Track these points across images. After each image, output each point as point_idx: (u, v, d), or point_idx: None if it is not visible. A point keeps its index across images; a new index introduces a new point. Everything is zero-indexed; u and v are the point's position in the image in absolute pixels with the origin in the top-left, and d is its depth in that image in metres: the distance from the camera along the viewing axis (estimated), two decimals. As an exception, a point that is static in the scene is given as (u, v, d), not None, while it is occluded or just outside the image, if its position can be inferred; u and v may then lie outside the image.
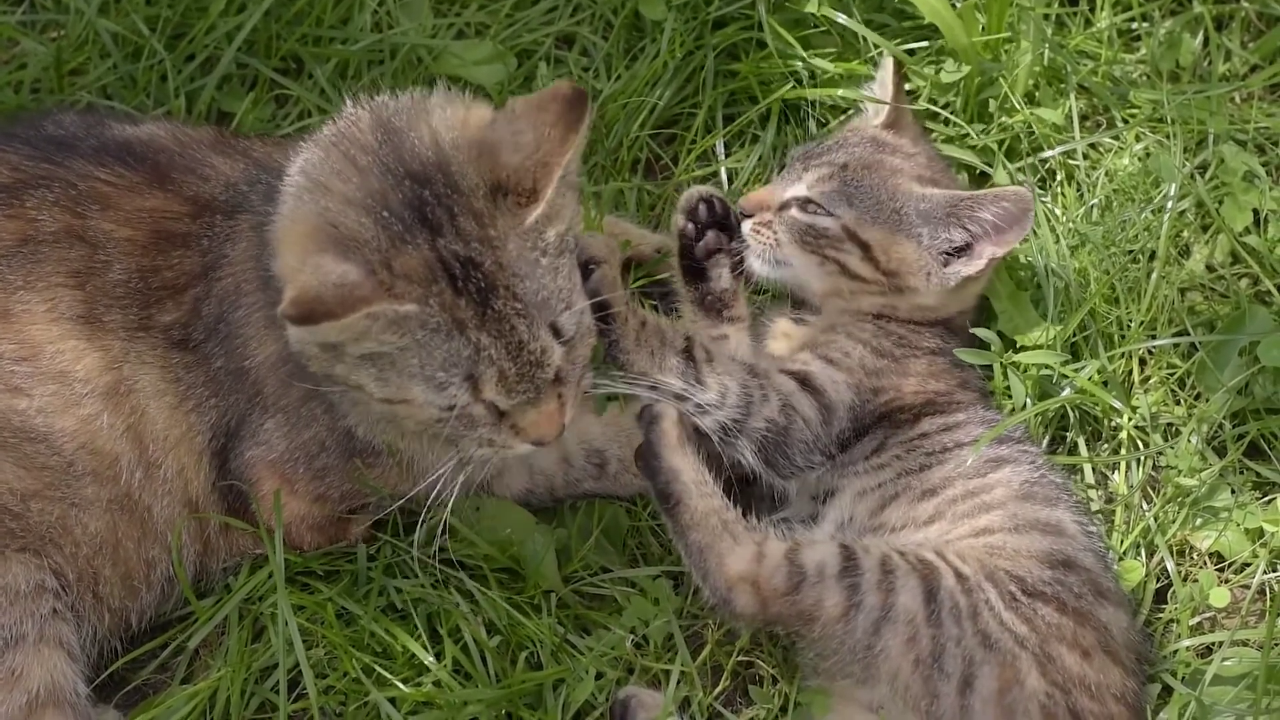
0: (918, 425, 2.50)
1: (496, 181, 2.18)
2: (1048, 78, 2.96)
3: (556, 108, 2.19)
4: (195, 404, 2.40)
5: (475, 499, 2.53)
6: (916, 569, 2.29)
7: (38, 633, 2.28)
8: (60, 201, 2.38)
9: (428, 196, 2.15)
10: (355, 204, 2.15)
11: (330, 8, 2.96)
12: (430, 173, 2.17)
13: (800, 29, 3.00)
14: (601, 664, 2.46)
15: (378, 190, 2.15)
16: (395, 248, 2.13)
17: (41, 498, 2.33)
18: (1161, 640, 2.51)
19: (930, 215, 2.56)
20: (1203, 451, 2.64)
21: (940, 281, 2.56)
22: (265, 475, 2.43)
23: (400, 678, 2.41)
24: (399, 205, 2.15)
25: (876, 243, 2.56)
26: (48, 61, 2.90)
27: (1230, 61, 3.07)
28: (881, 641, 2.26)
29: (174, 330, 2.38)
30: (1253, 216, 2.83)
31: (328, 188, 2.17)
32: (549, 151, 2.17)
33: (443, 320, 2.14)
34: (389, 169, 2.17)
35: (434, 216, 2.15)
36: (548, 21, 3.03)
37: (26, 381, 2.33)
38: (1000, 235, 2.54)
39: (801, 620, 2.29)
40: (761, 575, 2.30)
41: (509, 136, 2.19)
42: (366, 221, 2.14)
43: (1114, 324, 2.72)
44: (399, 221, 2.14)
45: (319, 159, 2.22)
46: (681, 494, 2.37)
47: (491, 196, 2.17)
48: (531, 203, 2.18)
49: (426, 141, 2.19)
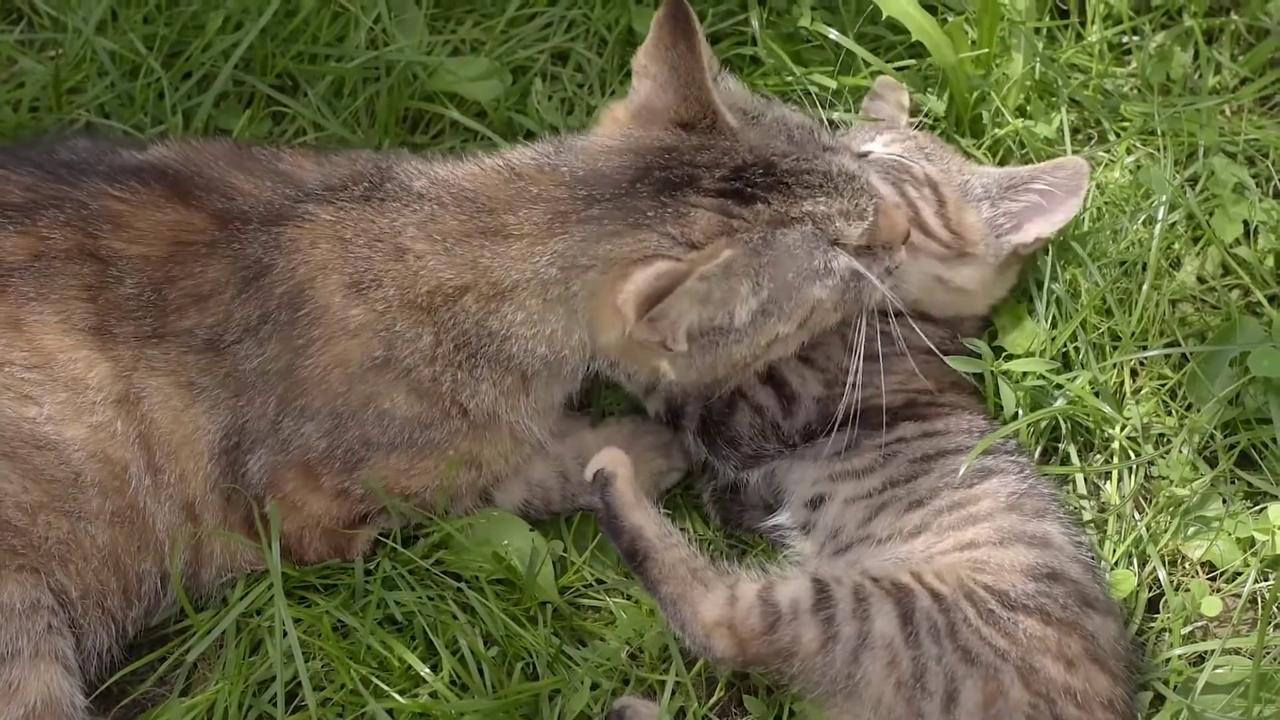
0: (895, 429, 2.52)
1: (678, 123, 2.35)
2: (1039, 91, 2.97)
3: (664, 33, 2.35)
4: (208, 405, 2.40)
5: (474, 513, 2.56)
6: (890, 593, 2.30)
7: (33, 648, 2.29)
8: (72, 221, 2.40)
9: (657, 173, 2.32)
10: (621, 230, 2.31)
11: (326, 25, 2.97)
12: (641, 159, 2.34)
13: (792, 44, 3.01)
14: (597, 675, 2.47)
15: (625, 208, 2.31)
16: (676, 223, 2.28)
17: (50, 511, 2.34)
18: (1154, 649, 2.52)
19: (989, 190, 2.65)
20: (1194, 461, 2.65)
21: (995, 251, 2.63)
22: (288, 476, 2.44)
23: (397, 689, 2.42)
24: (646, 199, 2.30)
25: (950, 201, 2.63)
26: (46, 80, 2.91)
27: (1220, 74, 3.08)
28: (862, 669, 2.27)
29: (197, 333, 2.39)
30: (1243, 228, 2.83)
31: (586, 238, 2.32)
32: (686, 69, 2.34)
33: (765, 233, 2.29)
34: (610, 193, 2.33)
35: (679, 175, 2.31)
36: (542, 38, 3.04)
37: (37, 390, 2.34)
38: (1052, 208, 2.63)
39: (781, 658, 2.30)
40: (737, 618, 2.31)
41: (650, 85, 2.37)
42: (640, 234, 2.28)
43: (1105, 335, 2.73)
44: (656, 206, 2.30)
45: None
46: (647, 550, 2.37)
47: (688, 130, 2.35)
48: (712, 120, 2.34)
49: (610, 145, 2.38)
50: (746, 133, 2.36)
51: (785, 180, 2.32)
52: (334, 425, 2.42)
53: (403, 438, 2.44)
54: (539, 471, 2.60)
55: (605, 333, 2.33)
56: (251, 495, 2.45)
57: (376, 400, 2.41)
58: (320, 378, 2.40)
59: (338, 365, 2.40)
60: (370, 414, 2.42)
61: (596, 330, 2.35)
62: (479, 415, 2.45)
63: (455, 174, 2.45)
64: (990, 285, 2.68)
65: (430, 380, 2.41)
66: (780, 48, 2.98)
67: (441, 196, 2.41)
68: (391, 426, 2.43)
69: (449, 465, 2.46)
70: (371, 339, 2.39)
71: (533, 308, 2.36)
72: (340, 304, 2.39)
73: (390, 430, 2.43)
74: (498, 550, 2.50)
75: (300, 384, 2.41)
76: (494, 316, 2.38)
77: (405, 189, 2.44)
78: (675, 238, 2.28)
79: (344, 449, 2.44)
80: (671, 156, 2.33)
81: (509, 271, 2.35)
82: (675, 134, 2.36)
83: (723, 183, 2.31)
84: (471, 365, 2.41)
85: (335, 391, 2.41)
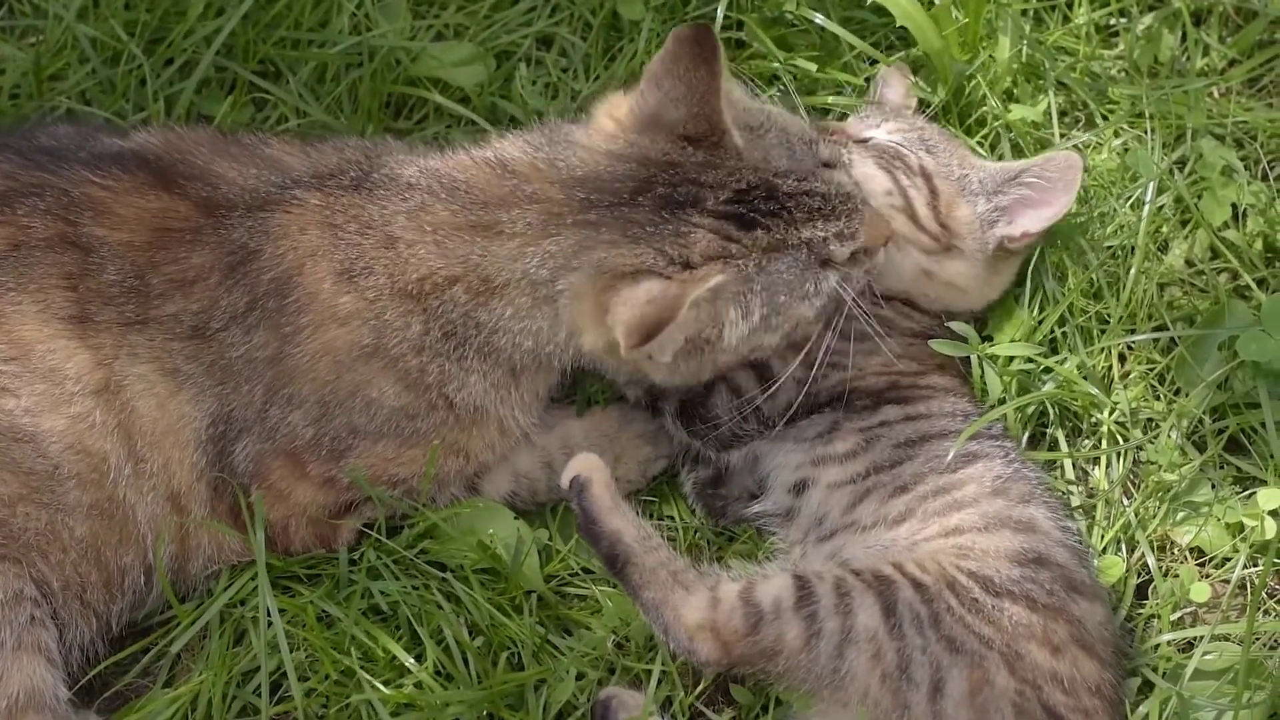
0: (877, 412, 2.51)
1: (683, 137, 2.33)
2: (1026, 74, 2.96)
3: (685, 54, 2.31)
4: (194, 393, 2.39)
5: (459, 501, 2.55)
6: (872, 586, 2.29)
7: (15, 640, 2.28)
8: (52, 209, 2.39)
9: (660, 188, 2.32)
10: (617, 240, 2.30)
11: (308, 10, 2.95)
12: (644, 170, 2.33)
13: (777, 28, 3.00)
14: (583, 664, 2.46)
15: (624, 219, 2.31)
16: (674, 241, 2.29)
17: (28, 503, 2.33)
18: (1143, 635, 2.51)
19: (985, 186, 2.64)
20: (1183, 446, 2.64)
21: (982, 245, 2.62)
22: (274, 465, 2.43)
23: (382, 679, 2.41)
24: (646, 213, 2.31)
25: (944, 194, 2.63)
26: (26, 67, 2.89)
27: (1209, 56, 3.07)
28: (847, 664, 2.26)
29: (182, 319, 2.38)
30: (1231, 211, 2.83)
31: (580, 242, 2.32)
32: (703, 92, 2.32)
33: (760, 259, 2.31)
34: (610, 200, 2.32)
35: (682, 194, 2.31)
36: (526, 22, 3.02)
37: (14, 381, 2.33)
38: (1041, 202, 2.63)
39: (765, 657, 2.29)
40: (719, 620, 2.30)
41: (661, 98, 2.34)
42: (636, 248, 2.29)
43: (1093, 319, 2.72)
44: (656, 222, 2.30)
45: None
46: (628, 555, 2.36)
47: (693, 146, 2.34)
48: (719, 139, 2.33)
49: (612, 150, 2.36)
50: (750, 151, 2.35)
51: (786, 205, 2.33)
52: (321, 413, 2.41)
53: (390, 426, 2.43)
54: (525, 463, 2.59)
55: (588, 336, 2.34)
56: (238, 484, 2.44)
57: (364, 389, 2.40)
58: (308, 366, 2.39)
59: (326, 353, 2.39)
60: (358, 402, 2.41)
61: (580, 332, 2.36)
62: (464, 408, 2.44)
63: (447, 165, 2.44)
64: (982, 282, 2.67)
65: (418, 370, 2.41)
66: (765, 32, 2.96)
67: (433, 186, 2.41)
68: (379, 415, 2.42)
69: (434, 453, 2.45)
70: (361, 327, 2.38)
71: (522, 304, 2.37)
72: (330, 291, 2.38)
73: (377, 419, 2.43)
74: (482, 539, 2.49)
75: (288, 371, 2.40)
76: (483, 309, 2.38)
77: (395, 178, 2.44)
78: (671, 257, 2.29)
79: (331, 437, 2.43)
80: (676, 173, 2.33)
81: (500, 270, 2.35)
82: (680, 148, 2.34)
83: (725, 205, 2.32)
84: (460, 356, 2.41)
85: (323, 379, 2.40)
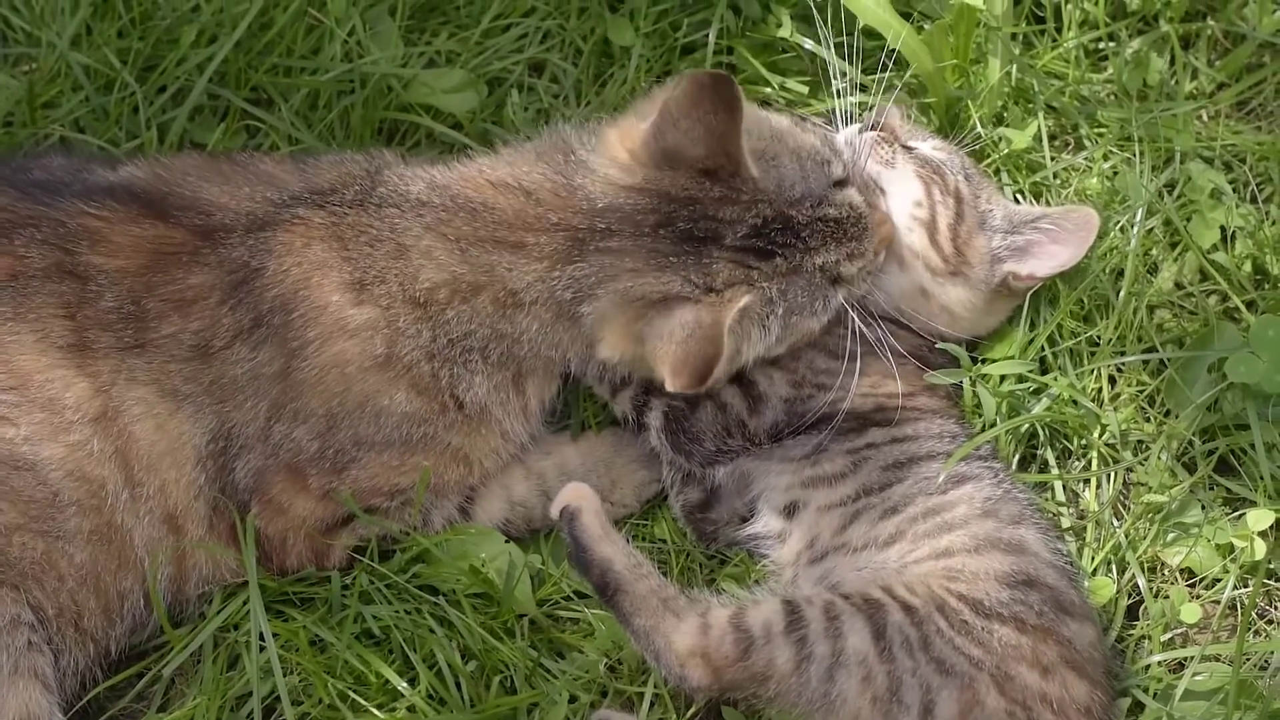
0: (864, 435, 2.52)
1: (701, 171, 2.38)
2: (1016, 97, 2.97)
3: (705, 99, 2.34)
4: (192, 411, 2.40)
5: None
6: (862, 609, 2.30)
7: (12, 665, 2.29)
8: (49, 239, 2.40)
9: (681, 224, 2.38)
10: (641, 269, 2.37)
11: (301, 38, 2.96)
12: (665, 205, 2.38)
13: (769, 54, 3.01)
14: (575, 687, 2.46)
15: (647, 249, 2.37)
16: (699, 271, 2.36)
17: (25, 531, 2.34)
18: (1133, 656, 2.51)
19: (1005, 223, 2.67)
20: (1173, 468, 2.65)
21: (988, 277, 2.64)
22: (275, 479, 2.44)
23: (375, 704, 2.41)
24: (669, 244, 2.37)
25: (968, 220, 2.64)
26: (20, 95, 2.90)
27: (1197, 80, 3.08)
28: (837, 687, 2.27)
29: (182, 339, 2.39)
30: (1220, 234, 2.84)
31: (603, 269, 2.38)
32: (723, 134, 2.35)
33: (780, 284, 2.40)
34: (632, 232, 2.38)
35: (702, 230, 2.37)
36: (518, 49, 3.03)
37: (13, 411, 2.34)
38: (1053, 249, 2.66)
39: (756, 682, 2.30)
40: (710, 646, 2.31)
41: (680, 137, 2.37)
42: (663, 276, 2.37)
43: (1083, 342, 2.73)
44: (679, 254, 2.37)
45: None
46: (618, 582, 2.37)
47: (710, 180, 2.39)
48: (736, 171, 2.37)
49: (632, 184, 2.40)
50: (765, 181, 2.40)
51: (800, 234, 2.40)
52: (328, 426, 2.43)
53: (398, 435, 2.45)
54: (520, 490, 2.60)
55: (612, 353, 2.41)
56: (237, 501, 2.45)
57: (375, 398, 2.42)
58: (317, 379, 2.41)
59: (335, 366, 2.40)
60: (366, 413, 2.43)
61: (602, 348, 2.42)
62: (473, 407, 2.47)
63: (461, 183, 2.47)
64: (979, 313, 2.67)
65: (430, 376, 2.43)
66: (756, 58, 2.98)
67: (448, 204, 2.44)
68: (387, 424, 2.44)
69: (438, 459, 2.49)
70: (373, 337, 2.41)
71: (545, 319, 2.43)
72: (338, 303, 2.40)
73: (385, 428, 2.44)
74: (474, 564, 2.49)
75: (295, 386, 2.41)
76: (506, 321, 2.43)
77: (401, 193, 2.47)
78: (696, 284, 2.36)
79: (335, 449, 2.44)
80: (696, 210, 2.38)
81: (528, 289, 2.41)
82: (699, 183, 2.38)
83: (744, 240, 2.37)
84: (466, 359, 2.44)
85: (332, 392, 2.41)
